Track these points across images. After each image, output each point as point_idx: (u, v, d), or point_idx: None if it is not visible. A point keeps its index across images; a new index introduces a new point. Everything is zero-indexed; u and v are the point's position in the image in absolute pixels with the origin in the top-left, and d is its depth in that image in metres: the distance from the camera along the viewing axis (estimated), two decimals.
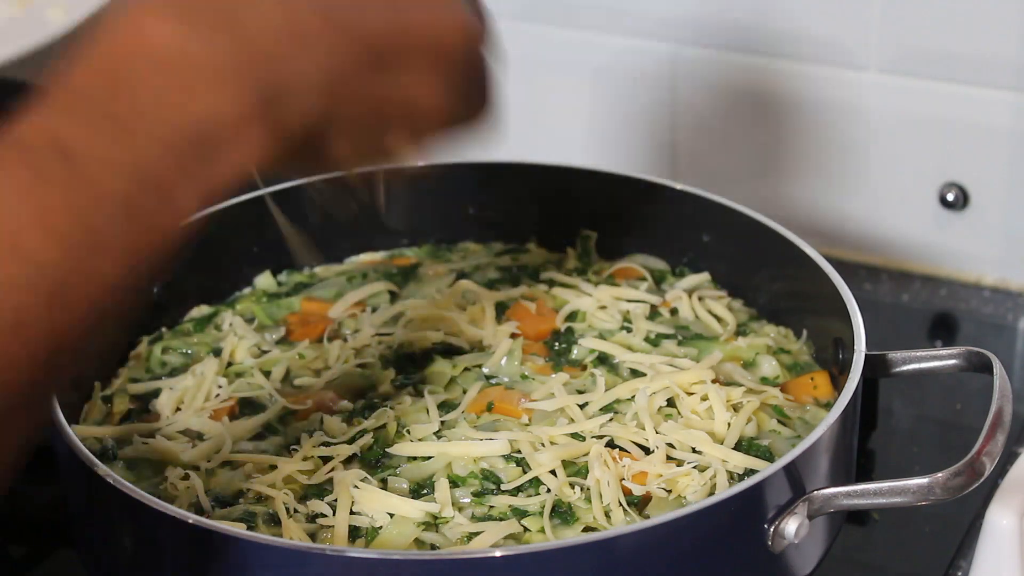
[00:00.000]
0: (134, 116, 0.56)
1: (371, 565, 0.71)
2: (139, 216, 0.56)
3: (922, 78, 1.14)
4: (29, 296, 0.54)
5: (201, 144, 0.57)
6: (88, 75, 0.57)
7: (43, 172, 0.55)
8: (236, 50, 0.58)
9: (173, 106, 0.57)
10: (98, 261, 0.56)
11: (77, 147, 0.55)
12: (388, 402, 0.86)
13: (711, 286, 0.99)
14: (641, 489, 0.79)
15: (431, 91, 0.66)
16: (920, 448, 1.00)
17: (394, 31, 0.64)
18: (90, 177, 0.55)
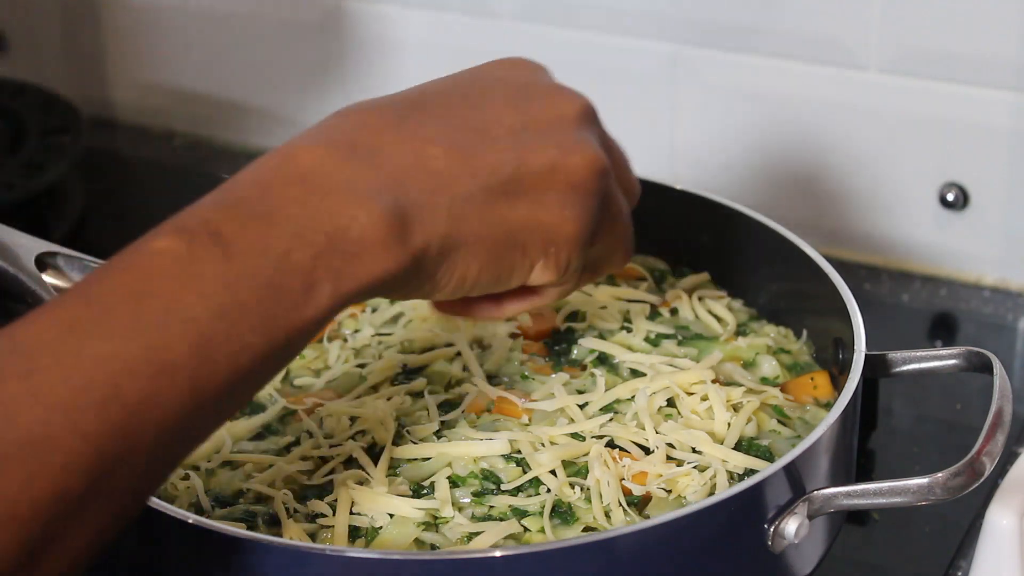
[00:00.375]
0: (280, 216, 0.63)
1: (371, 565, 0.71)
2: (280, 298, 0.62)
3: (922, 78, 1.14)
4: (175, 344, 0.59)
5: (337, 247, 0.64)
6: (242, 185, 0.65)
7: (197, 249, 0.61)
8: (372, 176, 0.66)
9: (315, 212, 0.64)
10: (242, 329, 0.61)
11: (228, 234, 0.62)
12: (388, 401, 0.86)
13: (711, 286, 0.99)
14: (641, 489, 0.79)
15: (562, 218, 0.72)
16: (920, 448, 1.00)
17: (522, 165, 0.71)
18: (239, 258, 0.62)
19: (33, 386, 0.56)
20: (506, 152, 0.70)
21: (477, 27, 1.26)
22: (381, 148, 0.67)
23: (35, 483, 0.56)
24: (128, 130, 1.48)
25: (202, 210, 0.63)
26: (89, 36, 1.47)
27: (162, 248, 0.61)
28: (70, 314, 0.59)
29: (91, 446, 0.57)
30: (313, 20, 1.36)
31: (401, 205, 0.66)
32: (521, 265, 0.73)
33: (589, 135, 0.75)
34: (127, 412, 0.58)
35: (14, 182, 1.22)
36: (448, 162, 0.68)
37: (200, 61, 1.43)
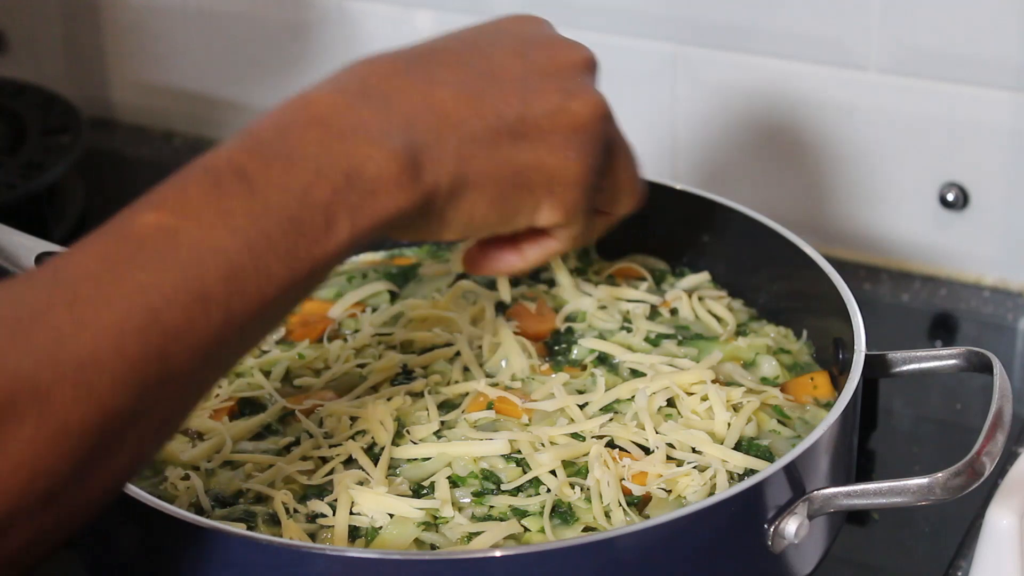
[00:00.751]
0: (301, 156, 0.67)
1: (371, 565, 0.71)
2: (303, 231, 0.65)
3: (922, 78, 1.14)
4: (208, 275, 0.63)
5: (354, 184, 0.67)
6: (263, 128, 0.68)
7: (225, 186, 0.65)
8: (384, 118, 0.69)
9: (332, 152, 0.67)
10: (269, 260, 0.64)
11: (252, 172, 0.65)
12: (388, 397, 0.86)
13: (711, 286, 0.99)
14: (641, 489, 0.79)
15: (565, 161, 0.75)
16: (920, 448, 1.00)
17: (527, 108, 0.74)
18: (263, 194, 0.65)
19: (78, 314, 0.60)
20: (512, 96, 0.74)
21: None
22: (391, 93, 0.71)
23: (84, 403, 0.59)
24: (128, 130, 1.48)
25: (227, 151, 0.66)
26: (89, 36, 1.47)
27: (192, 184, 0.65)
28: (108, 248, 0.62)
29: (134, 369, 0.60)
30: (313, 20, 1.36)
31: (412, 145, 0.69)
32: (527, 205, 0.75)
33: (591, 82, 0.78)
34: (166, 337, 0.61)
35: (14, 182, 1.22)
36: (456, 104, 0.72)
37: (200, 61, 1.43)
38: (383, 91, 0.71)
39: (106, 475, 0.62)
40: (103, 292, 0.61)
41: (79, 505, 0.61)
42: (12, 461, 0.57)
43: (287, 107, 0.70)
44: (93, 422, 0.59)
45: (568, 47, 0.79)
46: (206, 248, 0.63)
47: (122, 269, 0.62)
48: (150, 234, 0.63)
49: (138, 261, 0.62)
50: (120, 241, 0.63)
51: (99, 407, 0.59)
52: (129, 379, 0.60)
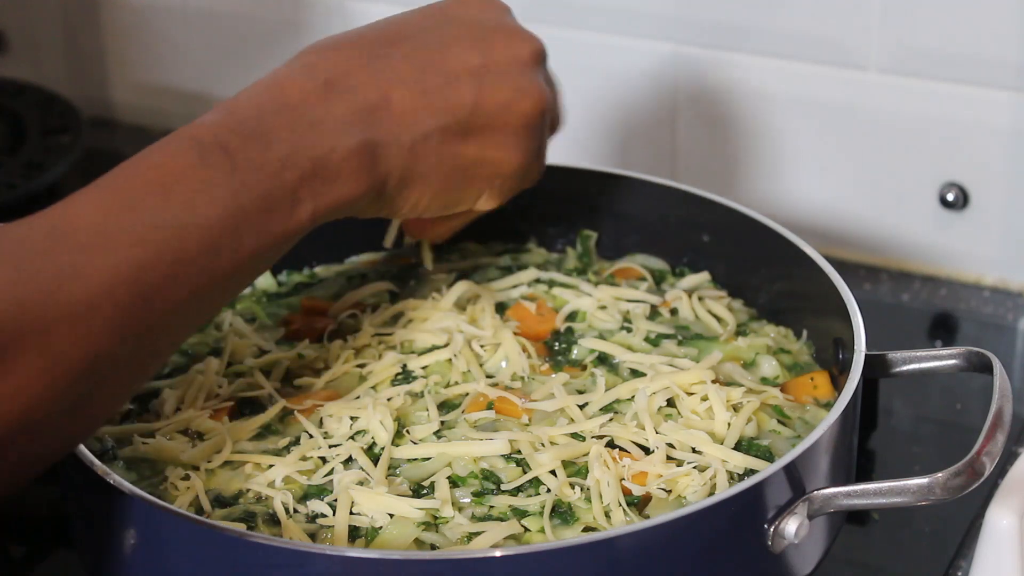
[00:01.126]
0: (275, 139, 0.74)
1: (371, 565, 0.71)
2: (273, 208, 0.73)
3: (922, 78, 1.14)
4: (190, 240, 0.70)
5: (318, 172, 0.75)
6: (242, 107, 0.76)
7: (209, 157, 0.72)
8: (347, 111, 0.77)
9: (303, 140, 0.75)
10: (242, 232, 0.72)
11: (234, 149, 0.73)
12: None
13: (711, 286, 0.99)
14: (641, 489, 0.79)
15: (508, 153, 0.84)
16: (920, 448, 1.00)
17: (478, 106, 0.81)
18: (242, 170, 0.72)
19: (78, 260, 0.66)
20: (465, 93, 0.81)
21: None
22: (355, 86, 0.78)
23: (79, 343, 0.66)
24: (128, 130, 1.47)
25: (211, 126, 0.74)
26: (89, 36, 1.47)
27: (182, 152, 0.72)
28: (107, 201, 0.69)
29: (123, 315, 0.67)
30: (313, 20, 1.36)
31: (370, 140, 0.78)
32: (469, 195, 0.84)
33: (539, 76, 0.85)
34: (152, 289, 0.68)
35: (14, 182, 1.22)
36: (412, 103, 0.79)
37: (200, 61, 1.43)
38: (348, 84, 0.78)
39: (90, 411, 0.69)
40: (100, 242, 0.67)
41: (65, 436, 0.69)
42: (12, 388, 0.64)
43: (264, 88, 0.77)
44: (85, 361, 0.66)
45: (523, 39, 0.84)
46: (190, 215, 0.70)
47: (118, 223, 0.68)
48: (143, 195, 0.70)
49: (132, 218, 0.69)
50: (117, 195, 0.70)
51: (91, 348, 0.66)
52: (118, 324, 0.67)
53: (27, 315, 0.64)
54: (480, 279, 0.99)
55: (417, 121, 0.80)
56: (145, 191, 0.70)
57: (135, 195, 0.70)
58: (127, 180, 0.71)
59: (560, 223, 1.04)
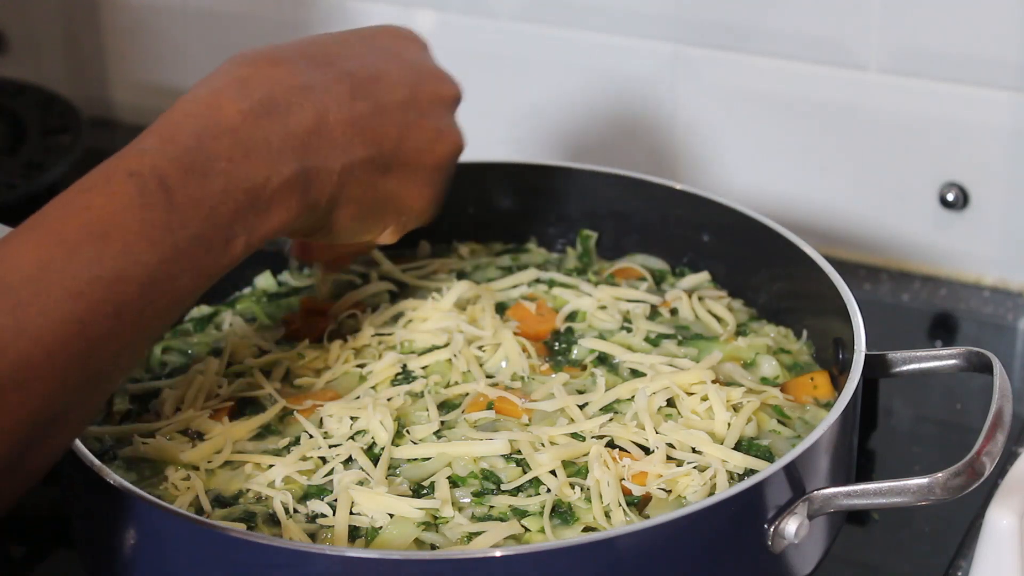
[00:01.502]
0: (212, 170, 0.73)
1: (371, 565, 0.71)
2: (208, 248, 0.73)
3: (922, 78, 1.14)
4: (130, 286, 0.69)
5: (253, 204, 0.75)
6: (180, 131, 0.74)
7: (148, 196, 0.70)
8: (283, 136, 0.77)
9: (238, 169, 0.74)
10: (178, 273, 0.71)
11: (172, 183, 0.71)
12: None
13: (711, 286, 0.99)
14: (641, 489, 0.79)
15: (420, 194, 0.85)
16: (920, 448, 1.00)
17: (402, 141, 0.82)
18: (180, 208, 0.71)
19: (19, 320, 0.65)
20: (392, 127, 0.82)
21: (477, 27, 1.26)
22: (291, 109, 0.78)
23: (25, 403, 0.65)
24: (128, 130, 1.47)
25: (150, 156, 0.72)
26: (89, 36, 1.47)
27: (120, 191, 0.70)
28: (43, 250, 0.68)
29: (62, 374, 0.66)
30: (313, 20, 1.36)
31: (305, 168, 0.77)
32: (378, 226, 0.85)
33: (454, 118, 0.87)
34: (93, 342, 0.68)
35: (14, 182, 1.22)
36: (344, 132, 0.79)
37: (200, 61, 1.43)
38: (285, 105, 0.77)
39: (34, 463, 0.68)
40: (40, 298, 0.66)
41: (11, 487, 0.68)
42: None
43: (201, 107, 0.76)
44: (25, 422, 0.65)
45: (445, 82, 0.86)
46: (130, 259, 0.69)
47: (57, 275, 0.67)
48: (82, 239, 0.68)
49: (71, 269, 0.67)
50: (56, 243, 0.68)
51: (30, 409, 0.65)
52: (58, 383, 0.66)
53: None
54: (480, 279, 0.99)
55: (348, 150, 0.80)
56: (82, 237, 0.68)
57: (71, 242, 0.68)
58: (63, 223, 0.69)
59: (560, 223, 1.04)
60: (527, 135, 1.28)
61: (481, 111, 1.28)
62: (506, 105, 1.28)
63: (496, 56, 1.26)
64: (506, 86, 1.27)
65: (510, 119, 1.28)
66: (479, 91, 1.28)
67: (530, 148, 1.28)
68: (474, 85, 1.28)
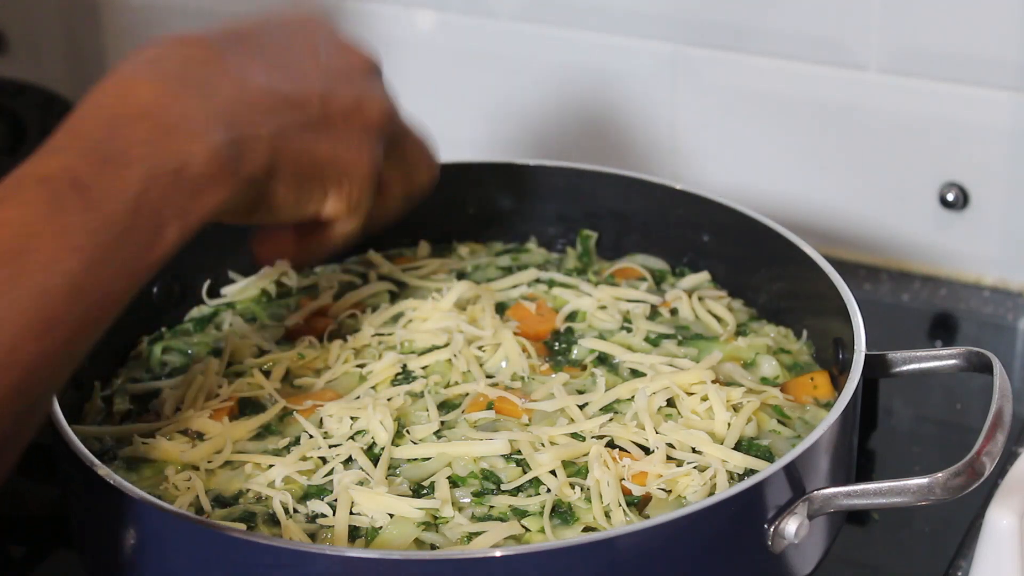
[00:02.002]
0: (130, 157, 0.68)
1: (371, 565, 0.71)
2: (137, 239, 0.68)
3: (922, 78, 1.14)
4: (56, 300, 0.65)
5: (181, 183, 0.70)
6: (91, 123, 0.69)
7: (62, 200, 0.66)
8: (204, 109, 0.72)
9: (159, 151, 0.69)
10: (108, 273, 0.67)
11: (87, 180, 0.67)
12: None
13: (711, 286, 0.99)
14: (641, 490, 0.79)
15: (356, 158, 0.80)
16: (920, 448, 1.00)
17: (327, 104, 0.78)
18: (98, 205, 0.66)
19: None
20: (313, 94, 0.78)
21: (477, 27, 1.26)
22: (210, 81, 0.73)
23: None
24: None
25: (60, 157, 0.68)
26: (89, 36, 1.47)
27: (32, 201, 0.66)
28: None
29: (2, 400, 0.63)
30: None
31: (232, 139, 0.72)
32: (319, 193, 0.79)
33: (380, 84, 0.83)
34: (25, 371, 0.64)
35: None
36: (268, 98, 0.75)
37: None
38: (202, 78, 0.73)
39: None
40: None
41: None
42: None
43: (110, 94, 0.71)
44: None
45: (359, 51, 0.83)
46: (52, 272, 0.65)
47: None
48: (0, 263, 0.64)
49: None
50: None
51: None
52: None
53: None
54: (480, 279, 0.99)
55: (275, 114, 0.75)
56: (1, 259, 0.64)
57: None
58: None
59: (560, 223, 1.04)
60: (527, 135, 1.28)
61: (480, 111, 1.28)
62: (506, 105, 1.28)
63: (496, 56, 1.26)
64: (506, 86, 1.27)
65: (510, 119, 1.28)
66: (479, 91, 1.28)
67: (530, 148, 1.28)
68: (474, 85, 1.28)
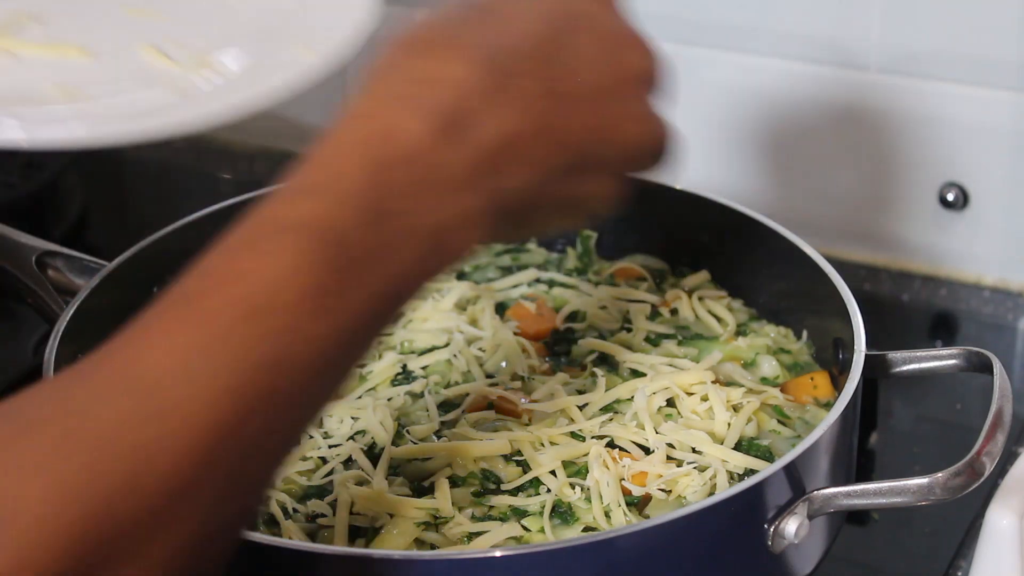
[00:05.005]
0: (396, 215, 0.60)
1: (371, 565, 0.71)
2: (385, 303, 0.60)
3: (922, 78, 1.14)
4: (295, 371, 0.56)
5: (440, 239, 0.61)
6: (352, 167, 0.60)
7: (313, 252, 0.57)
8: (469, 164, 0.62)
9: (420, 208, 0.61)
10: (353, 343, 0.59)
11: (350, 238, 0.58)
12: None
13: (711, 286, 0.99)
14: (641, 490, 0.79)
15: (611, 189, 0.70)
16: (920, 448, 1.00)
17: (597, 140, 0.67)
18: (355, 264, 0.58)
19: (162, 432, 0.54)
20: (584, 126, 0.67)
21: None
22: (473, 122, 0.63)
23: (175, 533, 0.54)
24: None
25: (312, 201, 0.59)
26: None
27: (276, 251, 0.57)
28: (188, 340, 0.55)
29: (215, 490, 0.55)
30: None
31: (495, 195, 0.64)
32: (569, 221, 0.72)
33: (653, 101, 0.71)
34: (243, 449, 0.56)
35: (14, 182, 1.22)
36: (533, 143, 0.65)
37: None
38: (466, 116, 0.63)
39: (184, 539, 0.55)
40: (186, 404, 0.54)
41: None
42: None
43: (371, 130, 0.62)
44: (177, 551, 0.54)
45: (646, 53, 0.71)
46: (293, 337, 0.56)
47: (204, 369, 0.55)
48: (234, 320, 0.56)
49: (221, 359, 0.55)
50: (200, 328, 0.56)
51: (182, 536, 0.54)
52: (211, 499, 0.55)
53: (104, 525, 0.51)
54: (480, 279, 0.99)
55: (539, 161, 0.65)
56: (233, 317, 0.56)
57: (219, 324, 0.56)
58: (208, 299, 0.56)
59: None
60: None
61: None
62: None
63: None
64: None
65: None
66: None
67: None
68: None
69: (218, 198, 0.95)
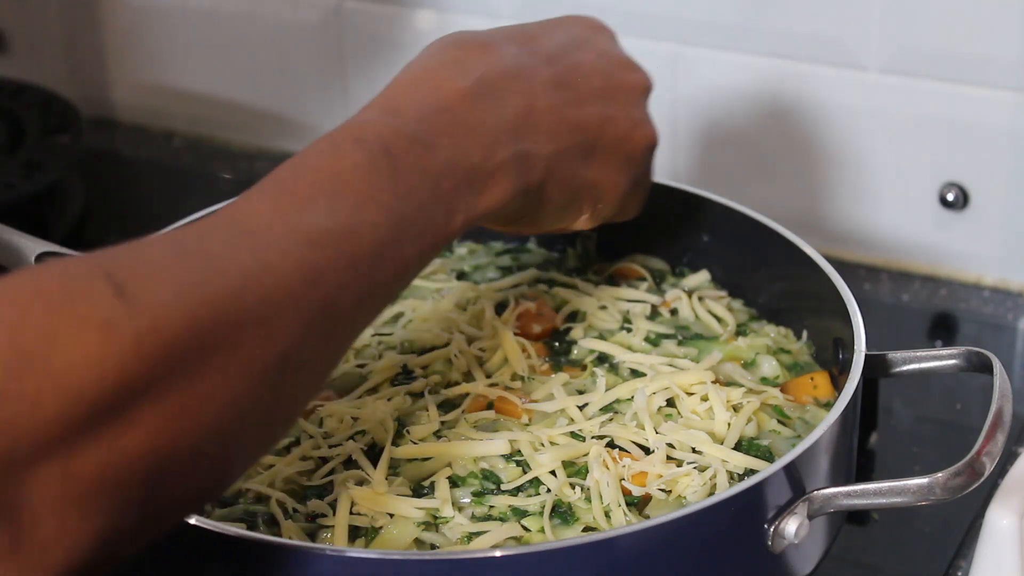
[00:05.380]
0: (436, 144, 0.74)
1: (371, 565, 0.71)
2: (430, 219, 0.72)
3: (922, 78, 1.14)
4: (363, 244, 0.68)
5: (472, 182, 0.75)
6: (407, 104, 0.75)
7: (375, 162, 0.71)
8: (498, 120, 0.77)
9: (460, 146, 0.75)
10: (403, 240, 0.70)
11: (398, 153, 0.72)
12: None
13: (711, 286, 0.99)
14: (641, 490, 0.79)
15: (616, 182, 0.85)
16: (920, 448, 1.00)
17: (603, 129, 0.83)
18: (405, 177, 0.71)
19: (260, 261, 0.64)
20: (593, 115, 0.83)
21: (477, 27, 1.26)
22: (502, 94, 0.78)
23: (269, 344, 0.62)
24: (128, 130, 1.48)
25: (375, 126, 0.73)
26: (89, 36, 1.47)
27: (346, 154, 0.70)
28: (279, 204, 0.67)
29: (306, 315, 0.64)
30: (313, 20, 1.36)
31: (518, 153, 0.78)
32: (575, 213, 0.85)
33: (647, 108, 0.88)
34: (328, 292, 0.66)
35: (14, 182, 1.22)
36: (551, 117, 0.80)
37: (200, 61, 1.43)
38: (496, 90, 0.78)
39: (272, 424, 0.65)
40: (279, 243, 0.65)
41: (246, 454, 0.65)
42: (205, 393, 0.59)
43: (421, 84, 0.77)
44: (273, 365, 0.63)
45: (636, 72, 0.87)
46: (361, 218, 0.68)
47: (292, 224, 0.66)
48: (314, 194, 0.68)
49: (306, 219, 0.67)
50: (288, 197, 0.68)
51: (279, 350, 0.63)
52: (301, 326, 0.64)
53: (218, 314, 0.60)
54: (480, 279, 0.99)
55: (555, 136, 0.80)
56: (314, 192, 0.68)
57: (303, 196, 0.68)
58: (293, 181, 0.69)
59: None
60: None
61: None
62: None
63: None
64: None
65: None
66: None
67: None
68: None
69: (218, 198, 0.95)
